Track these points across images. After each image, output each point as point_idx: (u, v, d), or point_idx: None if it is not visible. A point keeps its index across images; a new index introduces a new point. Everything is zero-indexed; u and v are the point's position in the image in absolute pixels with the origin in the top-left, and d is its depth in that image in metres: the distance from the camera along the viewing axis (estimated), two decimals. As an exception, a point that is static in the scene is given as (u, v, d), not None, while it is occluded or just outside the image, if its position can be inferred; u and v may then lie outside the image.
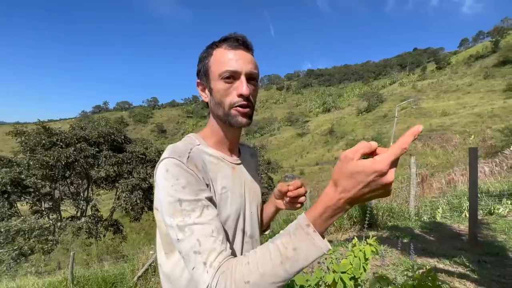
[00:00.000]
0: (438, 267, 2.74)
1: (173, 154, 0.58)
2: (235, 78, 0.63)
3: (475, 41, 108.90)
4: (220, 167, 0.67)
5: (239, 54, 0.63)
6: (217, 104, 0.65)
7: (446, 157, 18.85)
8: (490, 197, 5.09)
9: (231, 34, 0.65)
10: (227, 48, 0.64)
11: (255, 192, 0.75)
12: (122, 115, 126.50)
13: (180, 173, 0.55)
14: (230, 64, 0.63)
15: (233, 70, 0.62)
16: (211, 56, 0.65)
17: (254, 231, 0.72)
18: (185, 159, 0.58)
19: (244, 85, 0.62)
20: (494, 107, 33.62)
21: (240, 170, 0.72)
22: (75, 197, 16.68)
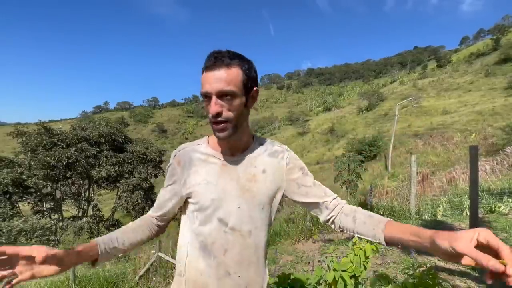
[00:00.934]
0: (439, 265, 2.75)
1: (174, 151, 0.86)
2: (209, 98, 0.72)
3: (476, 39, 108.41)
4: (207, 163, 0.81)
5: (209, 75, 0.71)
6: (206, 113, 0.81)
7: (447, 156, 18.80)
8: (491, 195, 5.09)
9: (210, 53, 0.72)
10: (205, 70, 0.72)
11: (248, 190, 0.80)
12: (122, 115, 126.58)
13: (169, 165, 0.85)
14: (203, 86, 0.72)
15: (205, 92, 0.72)
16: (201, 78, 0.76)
17: (239, 225, 0.78)
18: (173, 156, 0.84)
19: (212, 105, 0.71)
20: (495, 105, 33.48)
21: (233, 166, 0.81)
22: (77, 197, 16.72)
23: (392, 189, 8.75)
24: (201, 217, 0.78)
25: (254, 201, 0.80)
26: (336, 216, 0.83)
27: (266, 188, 0.82)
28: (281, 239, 4.88)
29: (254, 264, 0.80)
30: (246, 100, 0.76)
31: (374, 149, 25.23)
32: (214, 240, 0.77)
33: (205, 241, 0.77)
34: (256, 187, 0.80)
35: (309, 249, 4.03)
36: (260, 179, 0.81)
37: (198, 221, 0.79)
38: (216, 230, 0.77)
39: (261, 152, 0.85)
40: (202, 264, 0.77)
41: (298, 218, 5.25)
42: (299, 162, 0.90)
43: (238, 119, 0.75)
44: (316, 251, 3.73)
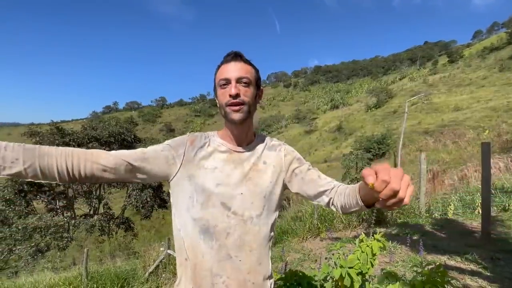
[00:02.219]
0: (449, 264, 2.70)
1: (189, 133, 0.92)
2: (228, 84, 0.82)
3: (489, 32, 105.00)
4: (216, 151, 0.87)
5: (230, 65, 0.83)
6: (220, 107, 0.86)
7: (459, 153, 18.34)
8: (505, 193, 4.95)
9: (228, 53, 0.85)
10: (223, 64, 0.84)
11: (251, 179, 0.86)
12: (131, 115, 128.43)
13: (180, 138, 0.88)
14: (223, 74, 0.82)
15: (225, 78, 0.82)
16: (216, 72, 0.86)
17: (241, 210, 0.82)
18: (187, 134, 0.90)
19: (232, 87, 0.80)
20: (510, 101, 32.42)
21: (239, 156, 0.88)
22: (88, 195, 17.13)
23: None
24: (203, 199, 0.80)
25: (256, 189, 0.85)
26: (333, 198, 0.85)
27: (268, 178, 0.88)
28: (288, 237, 4.88)
29: (255, 251, 0.83)
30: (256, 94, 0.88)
31: (383, 147, 24.84)
32: (216, 223, 0.80)
33: (207, 224, 0.79)
34: (258, 176, 0.86)
35: (316, 247, 4.02)
36: (262, 169, 0.88)
37: (199, 204, 0.80)
38: (220, 213, 0.80)
39: (262, 146, 0.93)
40: (204, 246, 0.79)
41: (306, 216, 5.23)
42: (296, 153, 0.97)
43: (251, 105, 0.84)
44: (324, 249, 3.72)
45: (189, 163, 0.83)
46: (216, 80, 0.85)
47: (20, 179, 0.67)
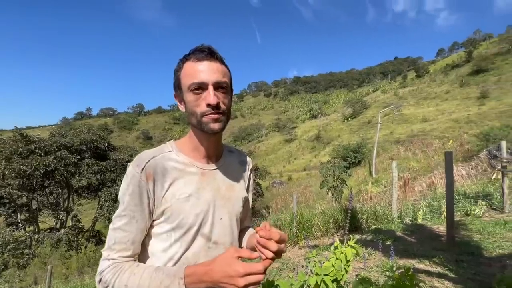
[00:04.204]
0: (419, 267, 2.83)
1: (135, 161, 0.69)
2: (203, 89, 0.67)
3: (450, 51, 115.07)
4: (185, 173, 0.71)
5: (205, 65, 0.67)
6: (190, 114, 0.70)
7: (427, 161, 19.55)
8: (467, 199, 5.33)
9: (198, 46, 0.70)
10: (194, 61, 0.68)
11: (229, 200, 0.76)
12: (106, 122, 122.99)
13: (131, 181, 0.67)
14: (197, 76, 0.67)
15: (200, 82, 0.66)
16: (181, 69, 0.70)
17: (222, 237, 0.73)
18: (140, 169, 0.67)
19: (211, 95, 0.66)
20: (470, 114, 35.43)
21: (212, 176, 0.75)
22: (55, 207, 15.91)
23: (376, 194, 8.99)
24: (180, 235, 0.68)
25: (233, 210, 0.76)
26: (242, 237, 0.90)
27: (241, 196, 0.80)
28: (267, 246, 4.86)
29: None
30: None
31: (358, 155, 25.87)
32: (197, 259, 0.69)
33: (187, 263, 0.67)
34: (233, 196, 0.78)
35: (295, 255, 4.04)
36: (236, 188, 0.79)
37: (177, 243, 0.68)
38: (200, 247, 0.70)
39: (233, 160, 0.83)
40: None
41: (285, 224, 5.26)
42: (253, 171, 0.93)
43: (229, 115, 0.72)
44: (302, 257, 3.75)
45: (159, 200, 0.68)
46: (183, 80, 0.69)
47: None
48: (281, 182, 29.71)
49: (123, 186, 0.67)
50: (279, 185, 28.22)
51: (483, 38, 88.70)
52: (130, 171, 0.67)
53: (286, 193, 20.90)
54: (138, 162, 0.68)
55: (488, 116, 31.78)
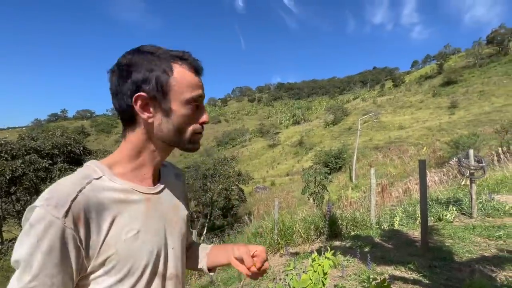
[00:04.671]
0: (395, 274, 2.89)
1: (49, 201, 0.46)
2: (201, 105, 0.61)
3: (424, 63, 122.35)
4: (128, 204, 0.55)
5: (199, 80, 0.61)
6: (175, 129, 0.58)
7: (403, 167, 20.43)
8: (439, 204, 5.58)
9: (189, 55, 0.60)
10: (191, 70, 0.58)
11: (176, 223, 0.66)
12: (82, 124, 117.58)
13: (46, 233, 0.45)
14: (199, 90, 0.59)
15: (201, 95, 0.60)
16: (171, 71, 0.56)
17: (178, 268, 0.64)
18: (61, 213, 0.46)
19: (205, 113, 0.62)
20: (442, 122, 37.69)
21: (158, 200, 0.62)
22: (21, 215, 14.82)
23: (356, 200, 9.20)
24: (134, 282, 0.54)
25: (181, 235, 0.67)
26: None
27: (185, 216, 0.70)
28: (248, 255, 4.79)
29: None
30: None
31: (339, 161, 26.53)
32: None
33: None
34: (179, 217, 0.68)
35: (276, 263, 4.00)
36: (181, 207, 0.70)
37: None
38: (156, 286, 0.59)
39: (169, 174, 0.72)
40: None
41: (266, 231, 5.22)
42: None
43: None
44: (282, 266, 3.72)
45: (94, 251, 0.50)
46: (179, 88, 0.57)
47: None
48: (264, 187, 29.74)
49: (27, 243, 0.45)
50: (262, 190, 28.22)
51: (453, 52, 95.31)
52: (42, 217, 0.45)
53: (269, 199, 20.92)
54: (55, 201, 0.46)
55: (457, 124, 33.96)
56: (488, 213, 4.70)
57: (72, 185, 0.50)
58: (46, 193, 0.48)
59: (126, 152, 0.59)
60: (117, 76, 0.56)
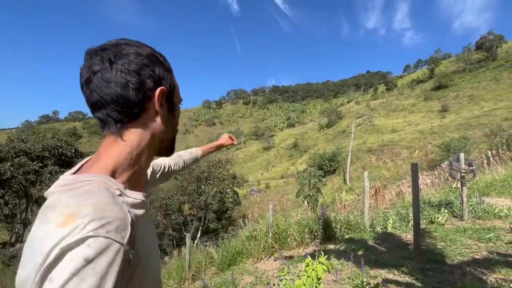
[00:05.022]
0: (388, 277, 2.90)
1: (107, 228, 0.38)
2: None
3: (415, 67, 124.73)
4: (141, 217, 0.50)
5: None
6: (172, 127, 0.59)
7: (396, 170, 20.68)
8: (431, 207, 5.65)
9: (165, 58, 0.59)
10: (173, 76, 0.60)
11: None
12: (74, 126, 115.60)
13: (111, 268, 0.37)
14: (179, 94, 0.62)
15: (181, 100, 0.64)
16: (172, 73, 0.58)
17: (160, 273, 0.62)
18: (126, 238, 0.40)
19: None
20: (433, 125, 38.34)
21: (147, 202, 0.58)
22: (10, 219, 14.44)
23: (350, 203, 9.25)
24: None
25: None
26: (169, 166, 0.94)
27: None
28: (243, 258, 4.75)
29: None
30: None
31: (333, 164, 26.71)
32: None
33: None
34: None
35: (270, 267, 3.98)
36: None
37: None
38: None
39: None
40: None
41: (260, 235, 5.19)
42: None
43: None
44: (277, 270, 3.70)
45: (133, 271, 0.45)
46: (177, 88, 0.59)
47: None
48: (258, 190, 29.68)
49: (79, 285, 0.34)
50: (256, 193, 28.16)
51: (443, 57, 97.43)
52: (106, 246, 0.37)
53: (263, 202, 20.89)
54: (115, 226, 0.39)
55: (448, 128, 34.60)
56: (479, 216, 4.77)
57: (116, 205, 0.43)
58: (90, 220, 0.37)
59: (125, 156, 0.51)
60: (131, 62, 0.50)
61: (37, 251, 0.36)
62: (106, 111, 0.50)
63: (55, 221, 0.37)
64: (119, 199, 0.45)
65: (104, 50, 0.50)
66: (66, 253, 0.35)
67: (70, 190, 0.42)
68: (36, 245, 0.37)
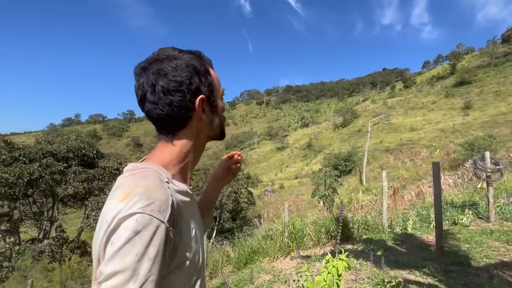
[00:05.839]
0: (409, 278, 2.84)
1: (152, 207, 0.46)
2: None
3: (435, 63, 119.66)
4: (187, 205, 0.59)
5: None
6: (220, 122, 0.67)
7: (415, 170, 19.95)
8: (454, 208, 5.44)
9: (202, 53, 0.65)
10: (213, 68, 0.66)
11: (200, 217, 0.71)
12: (95, 128, 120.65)
13: (155, 238, 0.45)
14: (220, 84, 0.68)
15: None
16: (209, 72, 0.63)
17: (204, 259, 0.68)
18: (166, 217, 0.48)
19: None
20: (455, 123, 36.64)
21: (194, 195, 0.67)
22: (38, 217, 15.27)
23: (367, 203, 9.06)
24: (194, 281, 0.59)
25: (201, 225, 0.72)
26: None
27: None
28: (259, 257, 4.79)
29: None
30: None
31: (349, 164, 26.18)
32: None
33: None
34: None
35: (287, 266, 3.99)
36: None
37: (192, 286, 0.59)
38: (203, 276, 0.65)
39: None
40: None
41: (276, 234, 5.21)
42: None
43: None
44: (293, 268, 3.70)
45: (176, 250, 0.53)
46: (216, 85, 0.65)
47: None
48: (273, 190, 29.63)
49: (133, 251, 0.43)
50: (271, 193, 28.13)
51: (466, 51, 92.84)
52: (149, 222, 0.45)
53: (278, 202, 20.83)
54: (158, 206, 0.47)
55: (472, 126, 32.93)
56: (507, 217, 4.54)
57: (162, 189, 0.51)
58: (139, 199, 0.46)
59: (174, 155, 0.60)
60: (170, 81, 0.56)
61: (104, 220, 0.48)
62: (159, 126, 0.61)
63: (117, 197, 0.48)
64: (165, 185, 0.53)
65: (146, 69, 0.58)
66: (121, 224, 0.45)
67: (131, 175, 0.54)
68: (104, 215, 0.48)
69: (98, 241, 0.48)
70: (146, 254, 0.44)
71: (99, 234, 0.48)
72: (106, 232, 0.45)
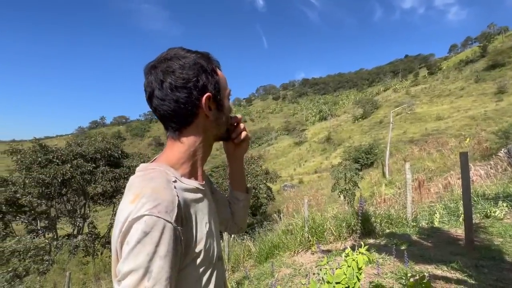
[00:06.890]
0: (436, 273, 2.74)
1: (159, 209, 0.49)
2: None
3: (463, 46, 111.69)
4: (198, 201, 0.62)
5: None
6: (225, 121, 0.69)
7: (443, 161, 18.92)
8: (486, 200, 5.12)
9: (210, 54, 0.67)
10: (220, 68, 0.68)
11: (215, 211, 0.73)
12: (119, 130, 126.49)
13: (163, 237, 0.48)
14: (227, 85, 0.69)
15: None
16: (216, 72, 0.65)
17: (220, 251, 0.69)
18: (173, 217, 0.50)
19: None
20: (487, 110, 34.13)
21: (207, 193, 0.69)
22: (72, 214, 16.41)
23: (390, 197, 8.76)
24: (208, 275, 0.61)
25: (217, 220, 0.74)
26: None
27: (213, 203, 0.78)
28: (280, 251, 4.83)
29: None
30: None
31: (371, 156, 25.37)
32: (220, 282, 0.66)
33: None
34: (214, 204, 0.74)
35: (307, 260, 3.99)
36: (218, 195, 0.80)
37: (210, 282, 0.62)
38: (221, 271, 0.67)
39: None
40: None
41: (296, 229, 5.21)
42: None
43: None
44: (314, 263, 3.70)
45: (190, 247, 0.56)
46: (223, 84, 0.66)
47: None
48: (292, 185, 29.49)
49: (144, 251, 0.47)
50: (290, 189, 28.02)
51: (498, 31, 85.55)
52: (156, 223, 0.48)
53: (297, 197, 20.71)
54: (165, 207, 0.50)
55: (507, 112, 30.50)
56: (546, 209, 4.21)
57: (168, 190, 0.53)
58: (147, 201, 0.49)
59: (182, 153, 0.63)
60: (178, 78, 0.58)
61: (118, 220, 0.52)
62: (166, 122, 0.63)
63: (128, 198, 0.52)
64: (172, 184, 0.56)
65: (155, 68, 0.60)
66: (132, 225, 0.49)
67: (141, 176, 0.58)
68: (118, 214, 0.53)
69: (114, 239, 0.52)
70: (157, 252, 0.47)
71: (115, 233, 0.52)
72: (120, 231, 0.50)
